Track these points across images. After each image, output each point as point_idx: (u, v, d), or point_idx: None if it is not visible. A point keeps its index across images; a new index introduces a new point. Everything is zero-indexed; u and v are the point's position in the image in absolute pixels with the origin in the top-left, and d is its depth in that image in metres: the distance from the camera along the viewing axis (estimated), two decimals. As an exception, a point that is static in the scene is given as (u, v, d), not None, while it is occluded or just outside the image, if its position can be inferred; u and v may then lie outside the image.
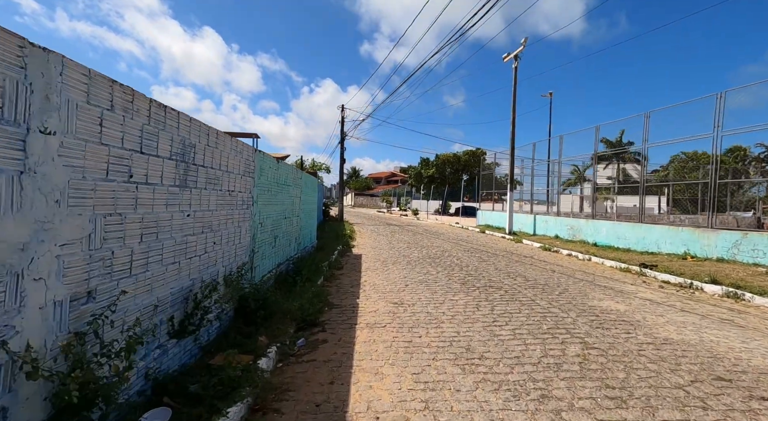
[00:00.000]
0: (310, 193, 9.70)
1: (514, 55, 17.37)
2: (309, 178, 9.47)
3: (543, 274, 7.95)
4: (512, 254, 11.22)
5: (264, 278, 5.36)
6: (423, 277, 7.48)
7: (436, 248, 11.97)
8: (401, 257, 10.03)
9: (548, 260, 10.05)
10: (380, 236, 15.81)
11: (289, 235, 7.07)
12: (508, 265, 9.04)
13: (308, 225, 9.56)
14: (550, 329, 4.39)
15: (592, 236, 13.50)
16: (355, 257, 10.03)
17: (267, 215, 5.50)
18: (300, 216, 8.20)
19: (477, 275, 7.64)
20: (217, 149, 3.62)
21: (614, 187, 18.64)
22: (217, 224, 3.67)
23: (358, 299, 5.77)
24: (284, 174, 6.49)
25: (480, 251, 11.67)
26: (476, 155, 42.70)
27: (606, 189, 35.11)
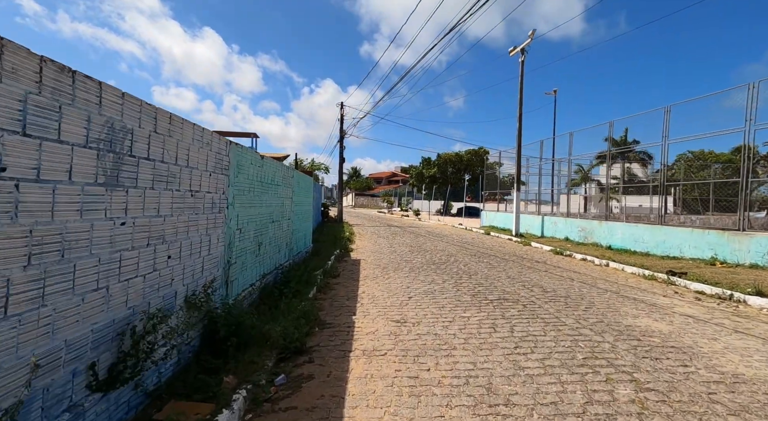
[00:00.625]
0: (304, 194, 8.93)
1: (520, 49, 16.59)
2: (302, 178, 8.71)
3: (561, 283, 7.16)
4: (522, 258, 10.43)
5: (243, 294, 4.58)
6: (428, 287, 6.70)
7: (441, 252, 11.18)
8: (403, 263, 9.25)
9: (563, 266, 9.26)
10: (381, 239, 15.04)
11: (277, 240, 6.30)
12: (521, 272, 8.25)
13: (302, 228, 8.79)
14: (587, 360, 3.60)
15: (605, 238, 12.71)
16: (353, 263, 9.25)
17: (248, 219, 4.73)
18: (292, 219, 7.43)
19: (488, 285, 6.86)
20: (172, 138, 2.84)
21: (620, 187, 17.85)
22: (173, 232, 2.90)
23: (354, 316, 4.99)
24: (270, 172, 5.71)
25: (487, 255, 10.88)
26: (479, 154, 41.93)
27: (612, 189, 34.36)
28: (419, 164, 46.07)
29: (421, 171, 44.14)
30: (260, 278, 5.34)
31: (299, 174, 8.22)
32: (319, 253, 10.11)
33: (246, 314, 3.73)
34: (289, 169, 7.00)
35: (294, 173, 7.47)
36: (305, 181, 9.08)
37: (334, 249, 10.96)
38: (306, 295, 5.53)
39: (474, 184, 41.41)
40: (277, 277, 6.10)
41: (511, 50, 17.22)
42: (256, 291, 5.05)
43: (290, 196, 7.22)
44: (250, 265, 4.86)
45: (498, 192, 22.95)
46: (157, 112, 2.64)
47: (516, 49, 16.84)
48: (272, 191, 5.84)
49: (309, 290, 5.81)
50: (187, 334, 3.13)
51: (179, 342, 3.00)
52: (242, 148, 4.40)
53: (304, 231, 9.18)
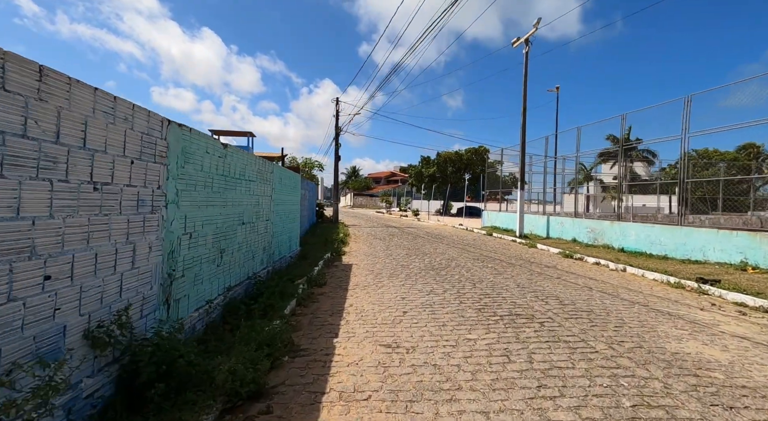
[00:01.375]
0: (288, 192, 8.03)
1: (525, 39, 15.70)
2: (286, 174, 7.80)
3: (579, 293, 6.26)
4: (530, 262, 9.53)
5: (196, 314, 3.68)
6: (426, 298, 5.81)
7: (441, 256, 10.29)
8: (399, 268, 8.35)
9: (576, 271, 8.36)
10: (377, 240, 14.14)
11: (251, 245, 5.40)
12: (531, 279, 7.35)
13: (286, 230, 7.89)
14: (639, 409, 2.70)
15: (617, 240, 11.81)
16: (343, 268, 8.35)
17: (204, 221, 3.83)
18: (272, 220, 6.53)
19: (495, 296, 5.96)
20: (47, 104, 1.95)
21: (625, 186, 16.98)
22: (55, 242, 2.01)
23: (336, 339, 4.10)
24: (238, 165, 4.81)
25: (491, 258, 9.99)
26: (479, 153, 41.05)
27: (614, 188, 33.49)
28: (418, 163, 45.19)
29: (420, 170, 43.25)
30: (224, 291, 4.44)
31: (282, 170, 7.31)
32: (308, 257, 9.21)
33: (186, 346, 2.83)
34: (267, 163, 6.10)
35: (274, 168, 6.57)
36: (290, 178, 8.18)
37: (324, 252, 10.07)
38: (281, 310, 4.63)
39: (475, 183, 40.52)
40: (250, 288, 5.20)
41: (514, 41, 16.34)
42: (216, 309, 4.15)
43: (269, 194, 6.32)
44: (207, 277, 3.96)
45: (500, 191, 22.06)
46: (4, 57, 1.74)
47: (520, 40, 15.95)
48: (242, 188, 4.94)
49: (286, 303, 4.91)
50: (84, 383, 2.23)
51: (67, 399, 2.10)
52: (191, 132, 3.50)
53: (290, 233, 8.28)
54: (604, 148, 24.39)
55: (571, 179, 32.57)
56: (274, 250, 6.82)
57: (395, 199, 56.26)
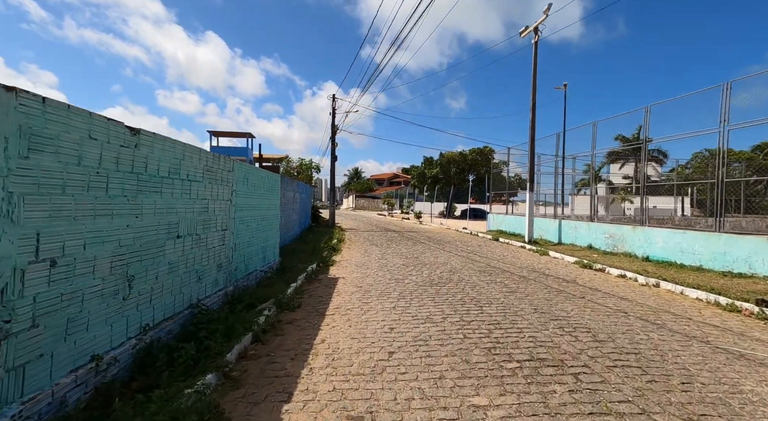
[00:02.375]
0: (262, 195, 6.82)
1: (533, 28, 14.45)
2: (257, 174, 6.59)
3: (613, 321, 4.99)
4: (544, 275, 8.25)
5: (72, 379, 2.46)
6: (421, 328, 4.57)
7: (442, 267, 9.03)
8: (393, 284, 7.11)
9: (600, 287, 7.08)
10: (373, 247, 12.90)
11: (192, 264, 4.18)
12: (550, 299, 6.08)
13: (258, 240, 6.68)
14: None
15: (641, 247, 10.50)
16: (327, 284, 7.13)
17: (90, 239, 2.63)
18: (231, 229, 5.32)
19: (509, 326, 4.70)
20: None
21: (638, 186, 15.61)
22: None
23: (287, 406, 2.86)
24: (164, 159, 3.59)
25: (500, 270, 8.71)
26: (484, 153, 39.74)
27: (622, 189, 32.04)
28: (421, 164, 43.88)
29: (423, 171, 41.95)
30: (138, 333, 3.22)
31: (249, 168, 6.10)
32: (288, 270, 8.00)
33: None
34: (222, 158, 4.88)
35: (234, 166, 5.35)
36: (264, 179, 6.97)
37: (309, 263, 8.85)
38: (222, 356, 3.40)
39: (479, 185, 39.20)
40: (187, 322, 3.97)
41: (522, 31, 15.09)
42: (117, 363, 2.93)
43: (227, 197, 5.10)
44: (98, 318, 2.75)
45: (506, 193, 20.76)
46: None
47: (528, 29, 14.70)
48: (174, 190, 3.73)
49: (233, 344, 3.68)
50: None
51: None
52: (45, 104, 2.28)
53: (264, 243, 7.07)
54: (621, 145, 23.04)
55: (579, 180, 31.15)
56: (237, 266, 5.60)
57: (397, 201, 55.01)
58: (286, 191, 11.63)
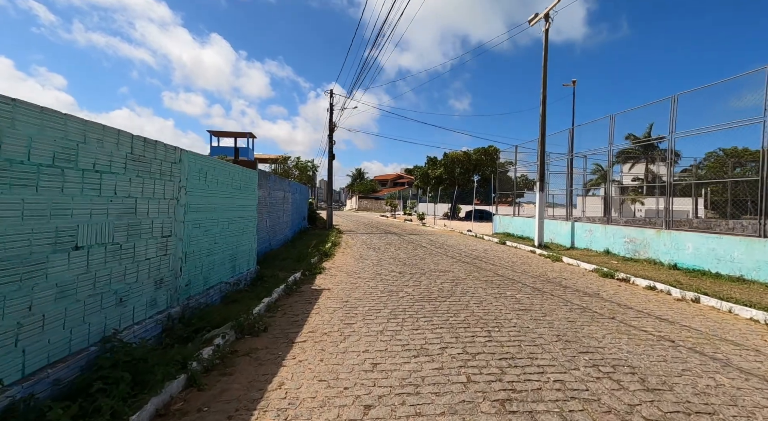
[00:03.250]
0: (230, 194, 5.80)
1: (544, 15, 13.36)
2: (223, 169, 5.57)
3: (659, 354, 3.90)
4: (562, 286, 7.15)
5: None
6: (412, 367, 3.51)
7: (443, 276, 7.95)
8: (385, 297, 6.06)
9: (631, 303, 5.97)
10: (370, 251, 11.85)
11: (111, 283, 3.16)
12: (573, 320, 5.00)
13: (225, 247, 5.66)
14: None
15: (668, 253, 9.37)
16: (308, 298, 6.09)
17: None
18: (179, 235, 4.30)
19: (527, 363, 3.63)
20: None
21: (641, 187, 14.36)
22: None
23: None
24: (42, 138, 2.57)
25: (510, 280, 7.63)
26: (489, 153, 38.59)
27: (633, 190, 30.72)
28: (424, 164, 42.76)
29: (427, 171, 40.83)
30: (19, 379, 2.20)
31: (208, 160, 5.07)
32: (266, 279, 6.98)
33: None
34: (157, 145, 3.85)
35: (184, 157, 4.33)
36: (233, 175, 5.95)
37: (293, 271, 7.84)
38: None
39: (485, 185, 38.03)
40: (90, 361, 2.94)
41: (531, 19, 14.01)
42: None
43: (172, 195, 4.09)
44: None
45: (513, 193, 19.63)
46: None
47: (538, 17, 13.61)
48: (64, 184, 2.71)
49: (148, 396, 2.65)
50: None
51: None
52: None
53: (234, 250, 6.04)
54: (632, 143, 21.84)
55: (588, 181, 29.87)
56: (190, 279, 4.57)
57: (400, 203, 53.97)
58: (274, 191, 10.63)
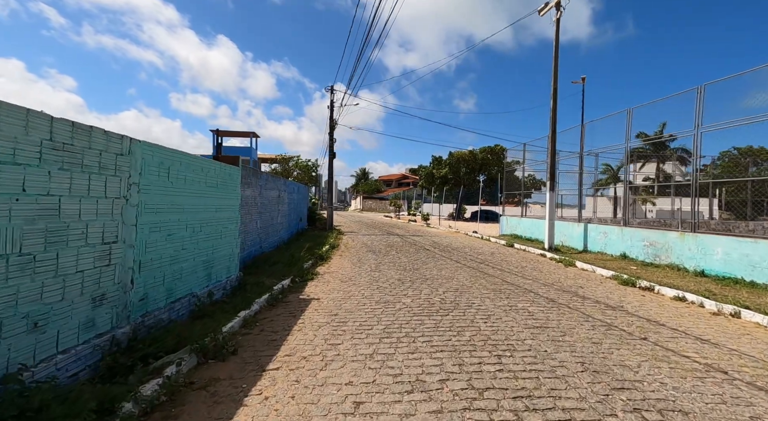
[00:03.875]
0: (202, 192, 5.12)
1: (555, 4, 12.56)
2: (193, 164, 4.88)
3: (714, 392, 3.14)
4: (579, 296, 6.39)
5: None
6: (404, 410, 2.79)
7: (446, 284, 7.22)
8: (380, 309, 5.34)
9: (662, 320, 5.20)
10: (369, 254, 11.14)
11: (16, 306, 2.48)
12: (598, 342, 4.24)
13: (194, 253, 4.98)
14: None
15: (693, 259, 8.55)
16: (293, 310, 5.39)
17: None
18: (132, 242, 3.62)
19: (549, 407, 2.87)
20: None
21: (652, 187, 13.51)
22: None
23: None
24: None
25: (521, 289, 6.87)
26: (495, 152, 37.72)
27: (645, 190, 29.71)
28: (429, 164, 41.95)
29: (432, 171, 40.03)
30: None
31: (169, 153, 4.38)
32: (249, 288, 6.29)
33: None
34: (92, 131, 3.17)
35: (135, 147, 3.64)
36: (207, 172, 5.27)
37: (283, 278, 7.16)
38: None
39: (491, 185, 37.15)
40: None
41: (541, 9, 13.22)
42: None
43: (118, 193, 3.41)
44: None
45: (521, 193, 18.82)
46: None
47: (549, 6, 12.83)
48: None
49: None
50: None
51: None
52: None
53: (208, 256, 5.36)
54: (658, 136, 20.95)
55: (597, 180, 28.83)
56: (147, 293, 3.89)
57: (405, 203, 53.21)
58: (266, 190, 9.96)
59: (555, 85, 12.74)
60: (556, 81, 12.75)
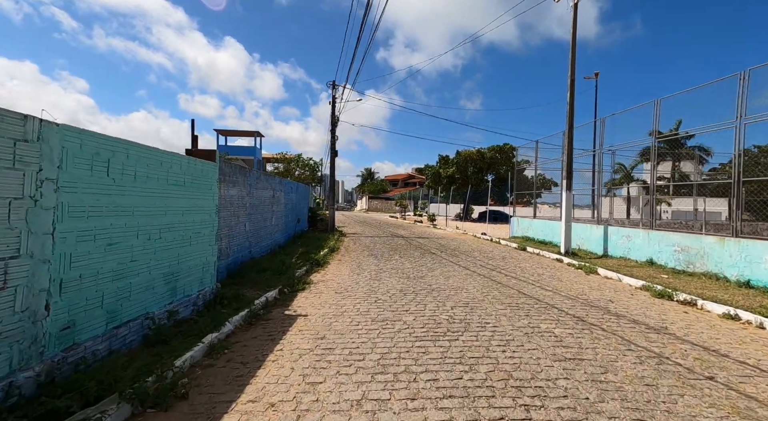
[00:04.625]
0: (163, 192, 4.28)
1: (572, -14, 11.57)
2: (147, 155, 4.03)
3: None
4: (612, 313, 5.44)
5: None
6: None
7: (455, 297, 6.31)
8: (375, 330, 4.45)
9: (721, 348, 4.24)
10: (370, 259, 10.27)
11: None
12: (654, 384, 3.31)
13: (150, 266, 4.13)
14: None
15: (735, 267, 7.54)
16: (273, 332, 4.52)
17: None
18: (43, 256, 2.77)
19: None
20: None
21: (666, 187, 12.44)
22: None
23: None
24: None
25: (541, 303, 5.94)
26: (504, 151, 36.60)
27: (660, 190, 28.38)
28: (436, 163, 40.93)
29: (438, 171, 39.02)
30: None
31: (116, 143, 3.54)
32: (227, 302, 5.44)
33: None
34: None
35: (47, 131, 2.80)
36: (173, 168, 4.42)
37: (270, 288, 6.33)
38: None
39: (499, 185, 36.06)
40: None
41: (556, -6, 12.23)
42: None
43: (22, 193, 2.57)
44: None
45: (533, 193, 17.82)
46: None
47: (565, -10, 11.84)
48: None
49: None
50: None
51: None
52: None
53: (172, 268, 4.51)
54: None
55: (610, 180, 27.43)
56: (73, 320, 3.04)
57: (411, 203, 52.26)
58: (257, 189, 9.13)
59: (572, 77, 11.75)
60: (574, 72, 11.75)
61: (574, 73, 11.78)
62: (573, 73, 11.73)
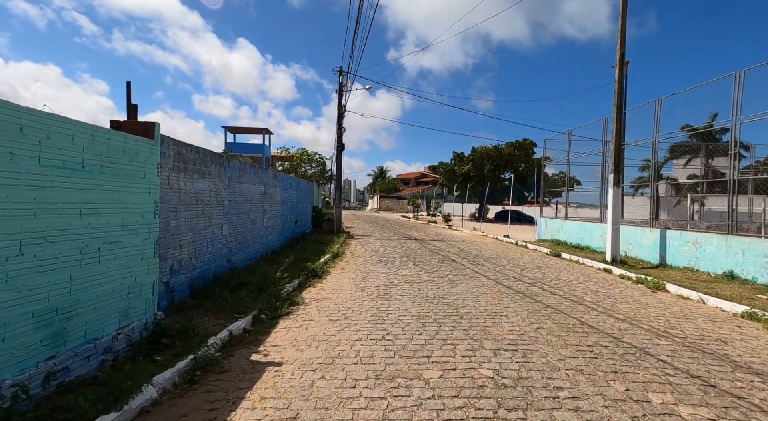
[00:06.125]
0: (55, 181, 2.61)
1: (622, -59, 9.62)
2: (31, 125, 2.36)
3: None
4: (743, 367, 3.60)
5: None
6: None
7: (493, 331, 4.52)
8: (377, 400, 2.71)
9: None
10: (378, 268, 8.54)
11: None
12: None
13: (20, 296, 2.45)
14: None
15: None
16: (221, 398, 2.80)
17: None
18: None
19: None
20: None
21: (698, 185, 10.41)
22: None
23: None
24: None
25: (623, 344, 4.11)
26: (523, 147, 34.41)
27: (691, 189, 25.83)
28: (450, 161, 38.89)
29: (453, 168, 36.98)
30: None
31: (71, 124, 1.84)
32: (168, 343, 3.75)
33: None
34: None
35: None
36: (55, 139, 2.76)
37: (241, 313, 4.66)
38: None
39: (519, 183, 33.95)
40: None
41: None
42: None
43: None
44: None
45: (566, 191, 15.84)
46: None
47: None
48: None
49: None
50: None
51: None
52: None
53: (52, 302, 2.85)
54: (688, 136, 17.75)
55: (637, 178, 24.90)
56: None
57: (424, 202, 50.40)
58: (240, 183, 7.47)
59: (622, 50, 9.80)
60: (623, 44, 9.80)
61: (624, 46, 9.82)
62: (623, 46, 9.78)
